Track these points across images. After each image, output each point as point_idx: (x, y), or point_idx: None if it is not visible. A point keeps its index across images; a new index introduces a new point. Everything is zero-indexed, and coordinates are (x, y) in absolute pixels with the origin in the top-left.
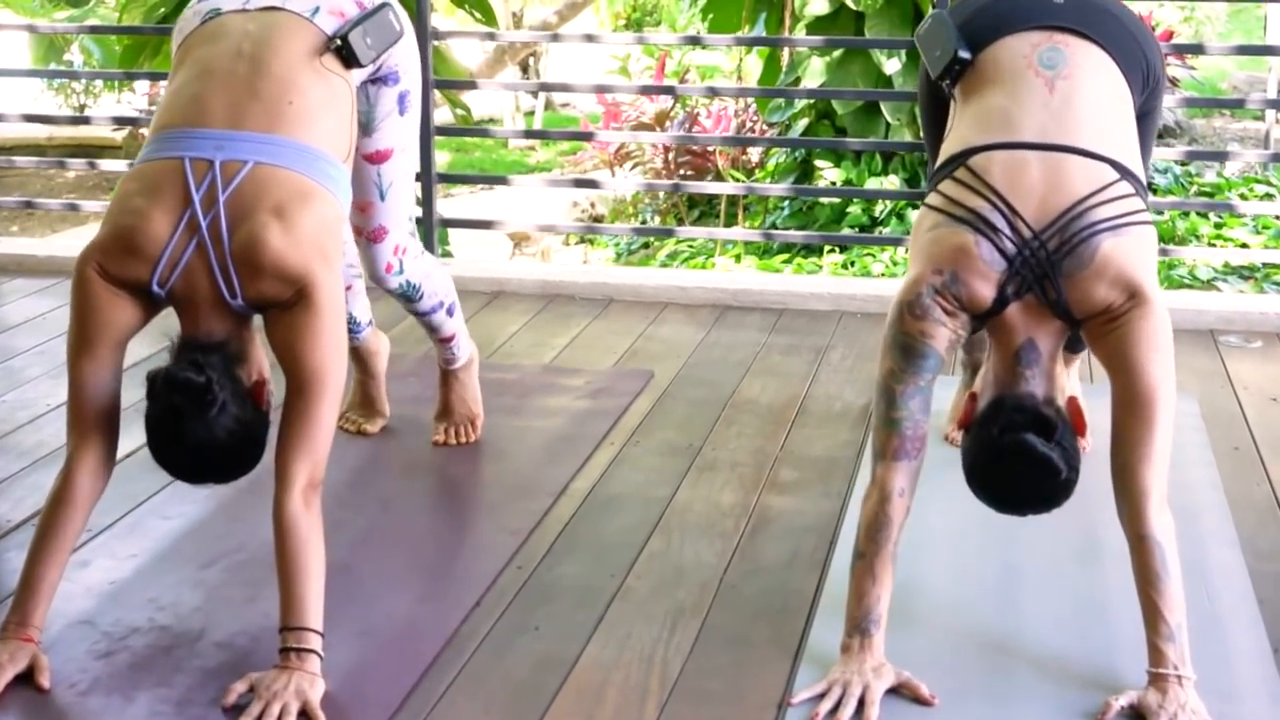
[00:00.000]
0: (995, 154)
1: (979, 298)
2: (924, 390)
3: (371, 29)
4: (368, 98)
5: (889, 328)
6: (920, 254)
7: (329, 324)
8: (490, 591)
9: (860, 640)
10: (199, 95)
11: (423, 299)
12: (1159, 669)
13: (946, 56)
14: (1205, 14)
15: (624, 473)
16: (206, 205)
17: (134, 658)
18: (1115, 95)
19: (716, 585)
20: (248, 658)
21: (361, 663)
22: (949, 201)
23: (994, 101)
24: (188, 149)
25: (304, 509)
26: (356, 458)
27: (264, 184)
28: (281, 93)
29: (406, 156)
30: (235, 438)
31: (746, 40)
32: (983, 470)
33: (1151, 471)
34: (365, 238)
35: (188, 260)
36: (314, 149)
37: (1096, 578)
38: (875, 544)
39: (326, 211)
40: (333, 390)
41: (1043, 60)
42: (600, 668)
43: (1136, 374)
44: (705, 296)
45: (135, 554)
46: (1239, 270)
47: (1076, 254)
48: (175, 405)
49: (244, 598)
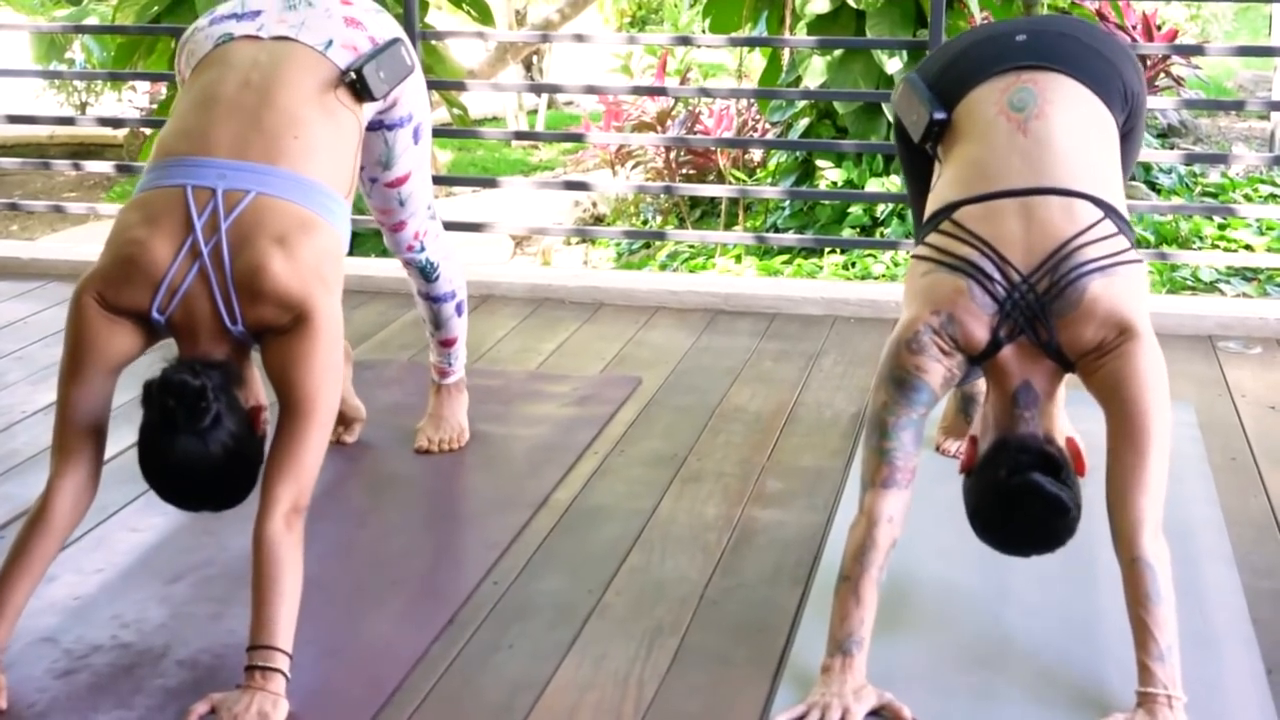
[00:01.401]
0: (973, 207)
1: (974, 339)
2: (916, 423)
3: (385, 63)
4: (385, 143)
5: (884, 363)
6: (916, 297)
7: (325, 349)
8: (464, 608)
9: (842, 661)
10: (204, 124)
11: (439, 280)
12: (1149, 689)
13: (924, 121)
14: (1211, 12)
15: (607, 484)
16: (208, 233)
17: (94, 677)
18: (1093, 123)
19: (697, 602)
20: (211, 677)
21: (328, 684)
22: (939, 251)
23: (969, 154)
24: (190, 177)
25: (285, 531)
26: (334, 468)
27: (265, 214)
28: (286, 126)
29: (422, 171)
30: (229, 455)
31: (740, 40)
32: (990, 513)
33: (1146, 501)
34: (388, 229)
35: (188, 287)
36: (315, 183)
37: (1087, 596)
38: (860, 566)
39: (327, 241)
40: (324, 415)
41: (1013, 104)
42: (574, 689)
43: (1129, 405)
44: (697, 301)
45: (102, 568)
46: (1242, 272)
47: (1065, 296)
48: (168, 410)
49: (209, 614)
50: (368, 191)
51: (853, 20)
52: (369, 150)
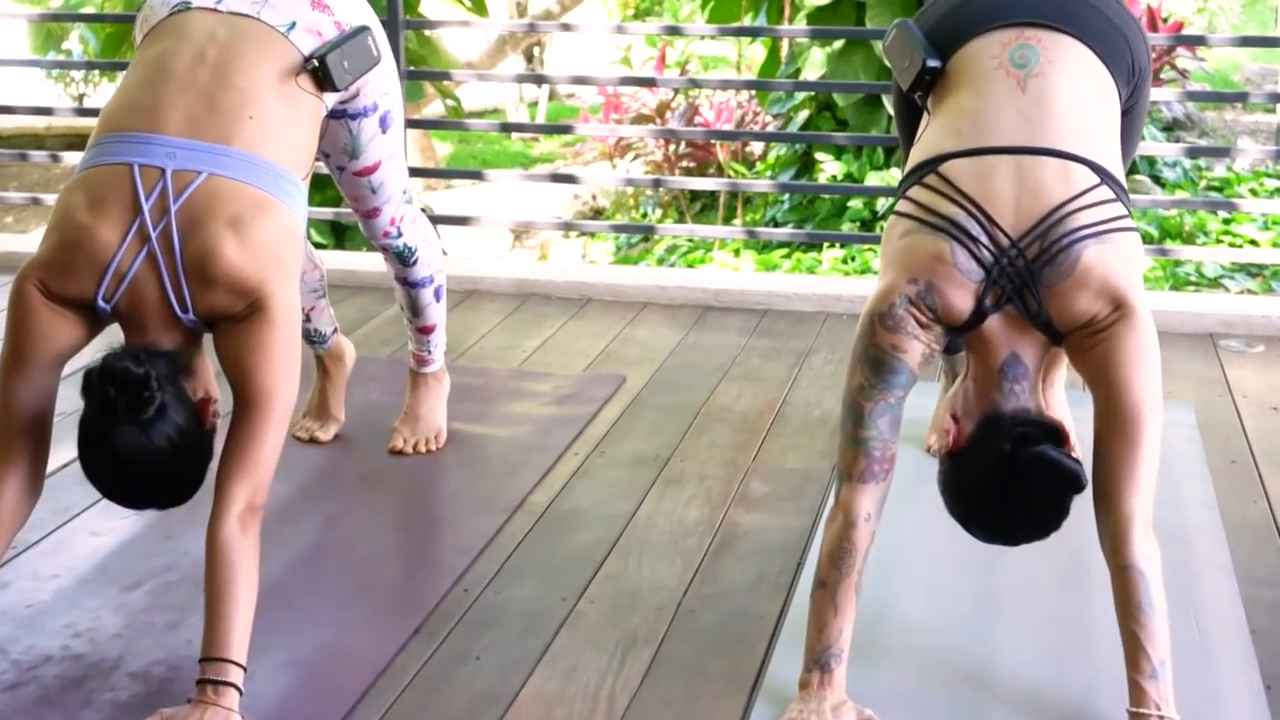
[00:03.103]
0: (963, 161)
1: (955, 309)
2: (893, 408)
3: (350, 52)
4: (350, 132)
5: (858, 340)
6: (892, 263)
7: (282, 338)
8: (431, 617)
9: (820, 676)
10: (153, 99)
11: (417, 264)
12: (1140, 709)
13: (915, 68)
14: (1218, 4)
15: (586, 486)
16: (156, 215)
17: (42, 690)
18: (1096, 90)
19: (674, 611)
20: (164, 689)
21: (286, 696)
22: (921, 209)
23: (963, 103)
24: (138, 155)
25: (240, 533)
26: (306, 468)
27: (217, 196)
28: (242, 106)
29: (395, 159)
30: (173, 449)
31: (739, 30)
32: (989, 492)
33: (1136, 495)
34: (361, 215)
35: (135, 272)
36: (271, 164)
37: (1078, 606)
38: (838, 572)
39: (283, 223)
40: (281, 409)
41: (1014, 59)
42: (542, 703)
43: (1121, 390)
44: (686, 296)
45: (58, 574)
46: (1246, 267)
47: (1056, 263)
48: (109, 400)
49: (166, 623)
50: (338, 180)
51: (853, 11)
52: (333, 139)
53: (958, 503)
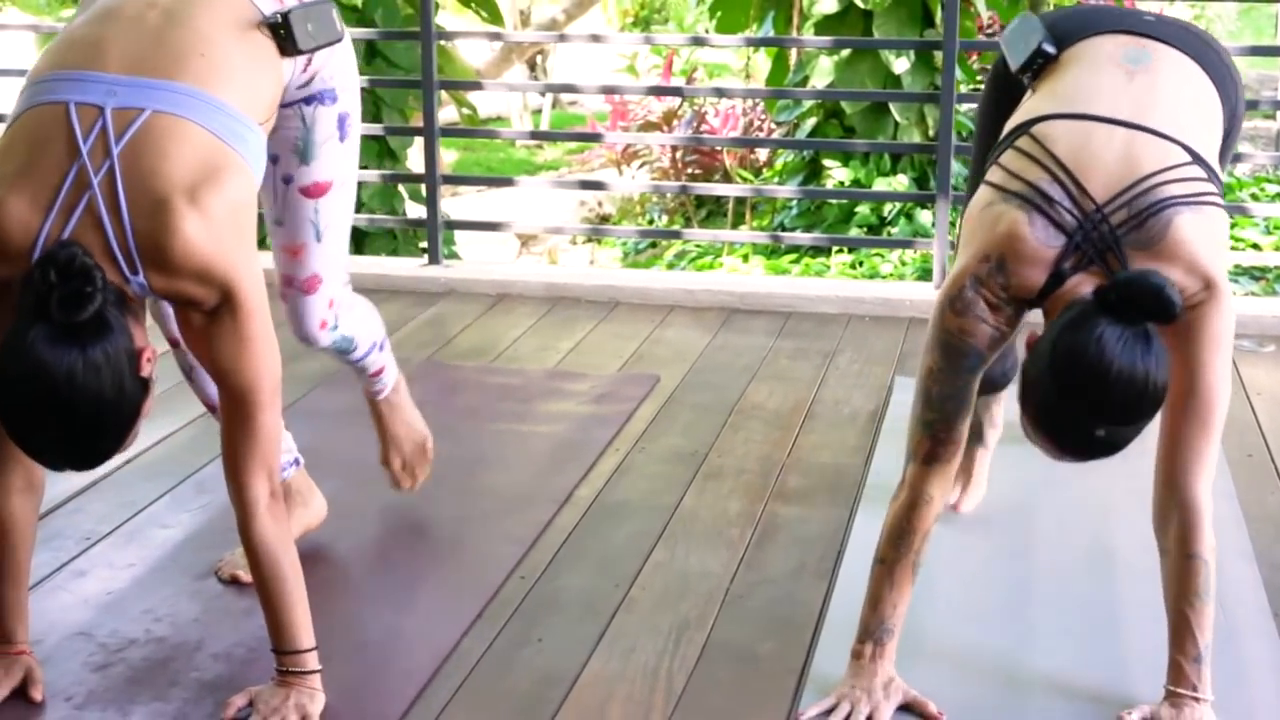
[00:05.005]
0: (1061, 122)
1: (1028, 284)
2: (962, 390)
3: (314, 17)
4: (304, 120)
5: (932, 324)
6: (969, 238)
7: (259, 324)
8: (492, 603)
9: (873, 649)
10: (95, 37)
11: (357, 349)
12: (1179, 689)
13: (1030, 49)
14: (1215, 12)
15: (629, 480)
16: (97, 159)
17: (130, 670)
18: (1199, 99)
19: (722, 597)
20: (246, 670)
21: (361, 677)
22: (1007, 175)
23: (1069, 79)
24: (74, 92)
25: (275, 525)
26: (356, 467)
27: (164, 139)
28: (193, 44)
29: (345, 191)
30: (103, 380)
31: (751, 41)
32: (1070, 360)
33: (1206, 483)
34: (297, 288)
35: (76, 223)
36: (223, 103)
37: (1108, 590)
38: (897, 551)
39: (240, 183)
40: (270, 394)
41: (1127, 56)
42: (603, 682)
43: (1201, 373)
44: (711, 299)
45: (133, 563)
46: (1250, 271)
47: (1146, 227)
48: (45, 288)
49: (242, 609)
50: (279, 210)
51: (860, 20)
52: (285, 134)
53: (1035, 391)
